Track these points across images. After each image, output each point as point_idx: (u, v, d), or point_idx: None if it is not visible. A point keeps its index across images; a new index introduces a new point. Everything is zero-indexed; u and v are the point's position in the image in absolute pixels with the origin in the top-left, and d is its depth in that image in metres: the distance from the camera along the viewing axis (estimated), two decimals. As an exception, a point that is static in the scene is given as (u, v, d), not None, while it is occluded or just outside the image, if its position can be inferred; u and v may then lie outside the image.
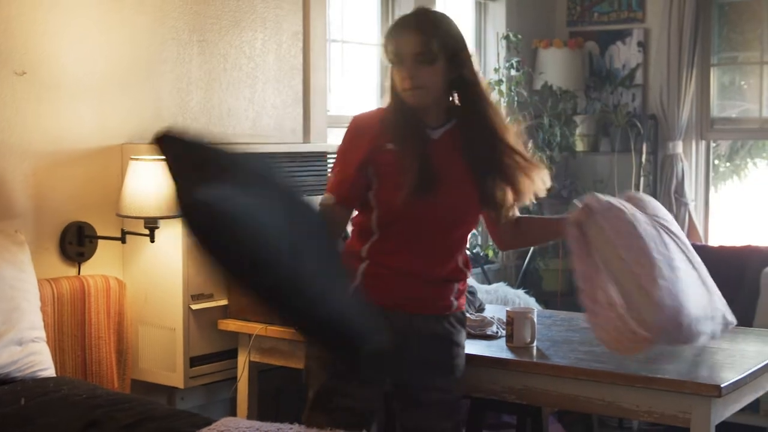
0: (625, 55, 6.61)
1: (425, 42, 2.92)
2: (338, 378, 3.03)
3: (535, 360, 3.40)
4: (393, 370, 3.09)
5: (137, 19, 4.11)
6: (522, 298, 5.18)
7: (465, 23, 6.37)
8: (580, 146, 6.46)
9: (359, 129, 3.09)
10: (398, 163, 2.96)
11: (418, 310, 3.09)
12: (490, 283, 5.58)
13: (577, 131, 6.43)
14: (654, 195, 6.07)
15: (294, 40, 4.82)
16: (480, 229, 6.20)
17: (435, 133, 3.06)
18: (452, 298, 3.13)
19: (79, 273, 3.86)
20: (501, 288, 5.29)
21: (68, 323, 3.69)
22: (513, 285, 5.62)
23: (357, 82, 5.61)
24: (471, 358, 3.43)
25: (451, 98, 3.09)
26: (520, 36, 6.22)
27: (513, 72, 6.17)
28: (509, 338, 3.53)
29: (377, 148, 3.01)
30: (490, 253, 6.12)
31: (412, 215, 3.00)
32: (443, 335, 3.13)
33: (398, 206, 2.95)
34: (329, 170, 4.74)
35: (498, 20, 6.40)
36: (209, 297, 3.94)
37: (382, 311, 2.92)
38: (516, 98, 6.15)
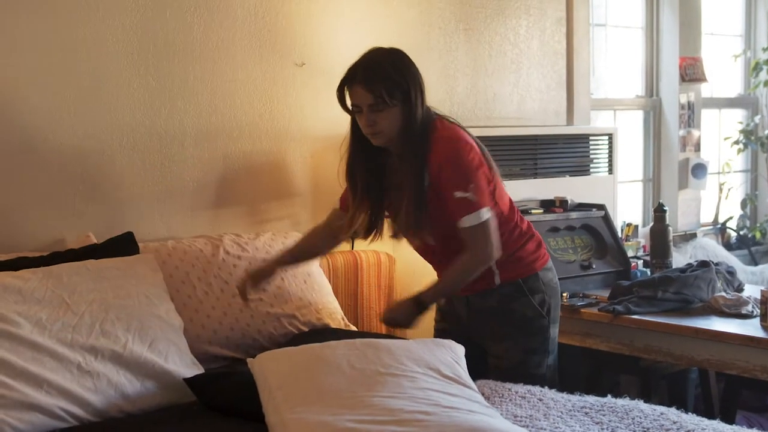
0: None
1: (374, 93, 3.08)
2: None
3: (789, 339, 3.41)
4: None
5: (405, 10, 4.35)
6: (789, 281, 5.10)
7: (734, 3, 6.29)
8: None
9: None
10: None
11: (466, 292, 3.34)
12: (756, 264, 5.52)
13: None
14: None
15: (557, 26, 4.96)
16: (745, 210, 6.13)
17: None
18: (495, 278, 3.29)
19: (352, 248, 4.09)
20: (767, 270, 5.23)
21: (342, 294, 3.95)
22: (781, 268, 5.53)
23: (621, 65, 5.66)
24: (723, 335, 3.49)
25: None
26: (792, 13, 6.09)
27: (784, 51, 6.05)
28: (764, 317, 3.55)
29: None
30: (758, 235, 6.04)
31: None
32: (497, 307, 3.33)
33: None
34: (591, 152, 4.86)
35: (770, -2, 6.27)
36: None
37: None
38: (787, 78, 6.04)
